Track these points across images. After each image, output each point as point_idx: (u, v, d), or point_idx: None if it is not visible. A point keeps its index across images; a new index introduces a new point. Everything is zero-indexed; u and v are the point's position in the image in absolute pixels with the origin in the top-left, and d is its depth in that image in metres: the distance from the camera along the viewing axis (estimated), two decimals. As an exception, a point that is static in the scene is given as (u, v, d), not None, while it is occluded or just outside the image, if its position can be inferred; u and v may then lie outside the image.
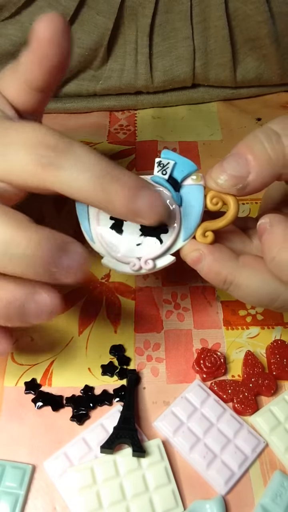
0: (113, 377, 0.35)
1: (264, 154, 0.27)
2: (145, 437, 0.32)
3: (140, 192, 0.26)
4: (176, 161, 0.30)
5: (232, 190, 0.28)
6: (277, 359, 0.35)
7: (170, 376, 0.35)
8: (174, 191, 0.30)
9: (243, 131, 0.52)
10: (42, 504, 0.30)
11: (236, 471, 0.31)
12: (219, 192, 0.29)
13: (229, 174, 0.28)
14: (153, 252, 0.29)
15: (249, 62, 0.51)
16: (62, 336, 0.37)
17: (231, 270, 0.29)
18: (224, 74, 0.51)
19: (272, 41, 0.48)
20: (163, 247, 0.29)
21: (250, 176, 0.28)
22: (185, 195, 0.30)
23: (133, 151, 0.50)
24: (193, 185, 0.30)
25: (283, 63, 0.51)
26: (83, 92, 0.52)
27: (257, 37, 0.48)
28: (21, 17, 0.45)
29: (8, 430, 0.32)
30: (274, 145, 0.27)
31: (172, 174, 0.30)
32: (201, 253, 0.29)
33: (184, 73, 0.50)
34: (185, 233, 0.29)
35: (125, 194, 0.26)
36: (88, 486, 0.30)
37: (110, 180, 0.26)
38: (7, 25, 0.46)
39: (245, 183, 0.28)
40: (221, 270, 0.29)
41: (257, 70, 0.51)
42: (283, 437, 0.32)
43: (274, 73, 0.52)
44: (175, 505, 0.30)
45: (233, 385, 0.34)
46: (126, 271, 0.29)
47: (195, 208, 0.30)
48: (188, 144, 0.51)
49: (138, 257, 0.29)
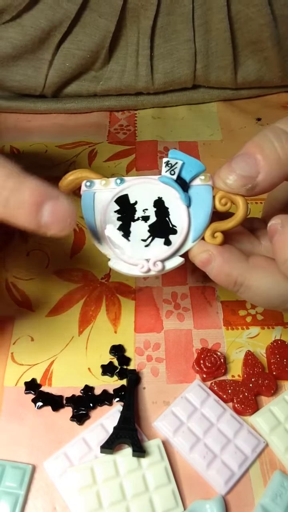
0: (113, 377, 0.35)
1: (273, 154, 0.27)
2: (145, 437, 0.32)
3: (41, 206, 0.25)
4: (184, 161, 0.30)
5: (241, 191, 0.28)
6: (277, 359, 0.35)
7: (170, 376, 0.35)
8: (182, 192, 0.29)
9: (243, 131, 0.52)
10: (42, 504, 0.30)
11: (236, 471, 0.31)
12: (228, 192, 0.29)
13: (238, 174, 0.28)
14: (161, 253, 0.29)
15: (250, 65, 0.51)
16: (62, 336, 0.37)
17: (241, 271, 0.29)
18: (225, 76, 0.51)
19: (273, 44, 0.48)
20: (172, 248, 0.29)
21: (260, 176, 0.27)
22: (194, 196, 0.30)
23: (133, 151, 0.50)
24: (202, 186, 0.30)
25: (284, 66, 0.51)
26: (83, 92, 0.52)
27: (258, 40, 0.48)
28: (22, 20, 0.45)
29: (8, 430, 0.32)
30: (284, 144, 0.27)
31: (181, 174, 0.30)
32: (211, 254, 0.29)
33: (185, 75, 0.50)
34: (194, 234, 0.29)
35: (25, 210, 0.25)
36: (88, 486, 0.30)
37: (13, 198, 0.25)
38: (7, 28, 0.46)
39: (254, 183, 0.27)
40: (232, 272, 0.29)
41: (258, 72, 0.51)
42: (283, 437, 0.32)
43: (275, 75, 0.52)
44: (175, 505, 0.30)
45: (233, 385, 0.34)
46: (135, 274, 0.29)
47: (204, 209, 0.29)
48: (188, 144, 0.51)
49: (147, 259, 0.29)
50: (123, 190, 0.30)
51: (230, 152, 0.49)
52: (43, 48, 0.47)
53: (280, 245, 0.27)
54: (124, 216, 0.30)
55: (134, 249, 0.29)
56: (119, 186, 0.30)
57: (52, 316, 0.38)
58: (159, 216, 0.30)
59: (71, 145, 0.50)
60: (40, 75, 0.49)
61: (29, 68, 0.48)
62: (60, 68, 0.48)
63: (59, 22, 0.45)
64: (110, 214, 0.30)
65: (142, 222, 0.30)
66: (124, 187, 0.30)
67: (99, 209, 0.30)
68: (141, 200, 0.30)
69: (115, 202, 0.30)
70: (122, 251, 0.29)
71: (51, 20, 0.45)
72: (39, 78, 0.49)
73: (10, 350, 0.36)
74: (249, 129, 0.52)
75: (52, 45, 0.47)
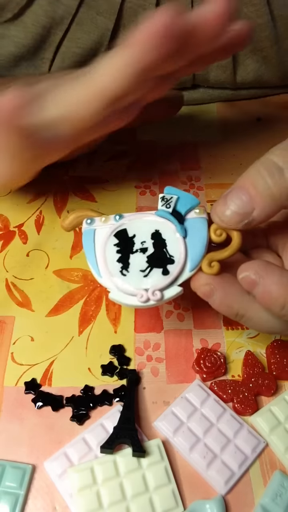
0: (113, 377, 0.35)
1: (266, 190, 0.27)
2: (145, 437, 0.32)
3: None
4: (179, 196, 0.31)
5: (238, 227, 0.29)
6: (277, 359, 0.35)
7: (170, 376, 0.35)
8: (178, 224, 0.30)
9: (243, 131, 0.52)
10: (42, 504, 0.30)
11: (236, 471, 0.31)
12: (225, 228, 0.29)
13: (233, 211, 0.28)
14: (160, 283, 0.29)
15: (249, 64, 0.51)
16: (62, 336, 0.37)
17: (242, 304, 0.29)
18: (224, 76, 0.51)
19: (272, 44, 0.48)
20: (169, 278, 0.29)
21: (255, 212, 0.28)
22: (190, 227, 0.30)
23: (133, 151, 0.50)
24: (197, 218, 0.31)
25: (283, 65, 0.51)
26: None
27: (257, 40, 0.48)
28: (24, 18, 0.45)
29: (8, 430, 0.32)
30: (277, 180, 0.27)
31: (176, 208, 0.31)
32: (212, 288, 0.29)
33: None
34: (191, 263, 0.30)
35: None
36: (88, 486, 0.30)
37: None
38: (9, 26, 0.45)
39: (250, 218, 0.28)
40: (233, 304, 0.29)
41: (257, 72, 0.51)
42: (283, 437, 0.32)
43: (275, 75, 0.52)
44: (175, 505, 0.30)
45: (233, 385, 0.34)
46: (134, 304, 0.30)
47: (200, 240, 0.30)
48: (188, 144, 0.51)
49: (145, 289, 0.29)
50: (122, 225, 0.31)
51: (230, 152, 0.50)
52: (44, 47, 0.47)
53: (267, 297, 0.27)
54: (123, 249, 0.31)
55: (133, 279, 0.30)
56: (118, 222, 0.31)
57: (52, 316, 0.38)
58: (157, 248, 0.30)
59: (71, 145, 0.50)
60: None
61: (30, 68, 0.48)
62: (59, 66, 0.48)
63: (60, 18, 0.45)
64: (110, 248, 0.31)
65: (140, 253, 0.30)
66: (122, 222, 0.31)
67: (99, 244, 0.31)
68: (139, 233, 0.31)
69: (115, 236, 0.31)
70: (122, 282, 0.30)
71: (52, 17, 0.45)
72: None
73: (10, 350, 0.36)
74: (249, 129, 0.52)
75: (53, 43, 0.46)
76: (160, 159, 0.49)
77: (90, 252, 0.31)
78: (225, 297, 0.29)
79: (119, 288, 0.30)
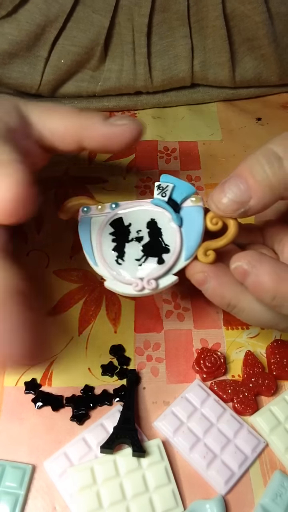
0: (113, 377, 0.35)
1: (265, 180, 0.27)
2: (145, 437, 0.32)
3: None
4: (175, 184, 0.31)
5: (234, 215, 0.28)
6: (277, 359, 0.35)
7: (170, 376, 0.35)
8: (174, 212, 0.30)
9: (243, 131, 0.52)
10: (42, 504, 0.30)
11: (236, 471, 0.31)
12: (221, 216, 0.29)
13: (230, 199, 0.28)
14: (155, 272, 0.30)
15: (247, 62, 0.51)
16: (62, 336, 0.37)
17: (234, 294, 0.29)
18: (223, 74, 0.51)
19: (270, 41, 0.48)
20: (165, 267, 0.29)
21: (252, 201, 0.27)
22: (185, 216, 0.30)
23: (133, 151, 0.50)
24: (193, 207, 0.30)
25: (281, 63, 0.51)
26: (82, 93, 0.52)
27: (255, 37, 0.48)
28: (18, 15, 0.45)
29: (8, 430, 0.32)
30: (276, 170, 0.27)
31: (172, 196, 0.30)
32: (206, 275, 0.29)
33: (183, 72, 0.50)
34: (186, 252, 0.30)
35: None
36: (88, 486, 0.30)
37: None
38: (3, 24, 0.45)
39: (246, 207, 0.28)
40: (225, 294, 0.29)
41: (255, 69, 0.51)
42: (283, 437, 0.32)
43: (273, 72, 0.52)
44: (175, 505, 0.30)
45: (233, 385, 0.34)
46: (129, 292, 0.30)
47: (196, 228, 0.30)
48: (188, 144, 0.51)
49: (141, 278, 0.29)
50: (117, 213, 0.31)
51: (230, 152, 0.50)
52: (39, 45, 0.47)
53: (258, 287, 0.27)
54: (119, 238, 0.31)
55: (128, 268, 0.30)
56: (114, 210, 0.31)
57: (52, 316, 0.38)
58: (152, 237, 0.30)
59: (71, 145, 0.50)
60: (36, 72, 0.48)
61: (25, 65, 0.48)
62: (55, 65, 0.48)
63: (54, 17, 0.45)
64: (106, 237, 0.31)
65: (136, 242, 0.31)
66: (118, 211, 0.31)
67: (95, 233, 0.31)
68: (134, 222, 0.31)
69: (110, 225, 0.31)
70: (117, 271, 0.30)
71: (46, 15, 0.45)
72: (35, 75, 0.49)
73: (10, 350, 0.36)
74: (249, 129, 0.52)
75: (48, 41, 0.46)
76: (160, 159, 0.49)
77: (86, 240, 0.31)
78: (218, 286, 0.29)
79: (114, 277, 0.30)
